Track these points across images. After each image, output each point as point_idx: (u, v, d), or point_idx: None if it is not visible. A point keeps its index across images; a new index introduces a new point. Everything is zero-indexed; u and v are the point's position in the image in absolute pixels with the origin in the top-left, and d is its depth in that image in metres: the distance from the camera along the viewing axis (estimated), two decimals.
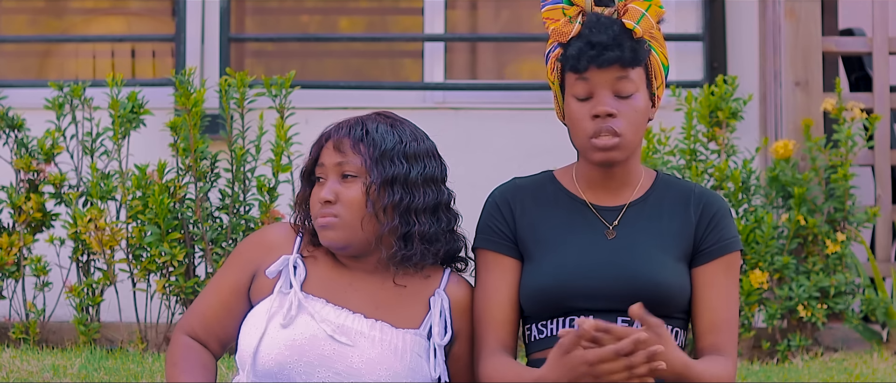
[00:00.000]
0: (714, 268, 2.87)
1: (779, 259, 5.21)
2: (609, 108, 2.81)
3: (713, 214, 2.89)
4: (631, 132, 2.83)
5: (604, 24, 2.81)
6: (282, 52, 6.99)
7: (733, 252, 2.89)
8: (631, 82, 2.82)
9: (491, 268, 2.91)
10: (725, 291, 2.86)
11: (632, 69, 2.81)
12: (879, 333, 5.35)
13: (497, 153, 6.11)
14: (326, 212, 2.86)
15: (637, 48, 2.81)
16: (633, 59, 2.80)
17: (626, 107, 2.82)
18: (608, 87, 2.82)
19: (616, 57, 2.79)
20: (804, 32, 5.72)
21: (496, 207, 2.94)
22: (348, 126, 2.90)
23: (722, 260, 2.87)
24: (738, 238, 2.91)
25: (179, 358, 2.91)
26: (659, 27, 2.89)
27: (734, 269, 2.89)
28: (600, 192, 2.92)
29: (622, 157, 2.85)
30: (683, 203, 2.91)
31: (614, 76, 2.81)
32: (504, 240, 2.91)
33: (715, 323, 2.84)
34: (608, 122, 2.82)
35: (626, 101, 2.82)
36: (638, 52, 2.80)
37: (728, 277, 2.87)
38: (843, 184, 5.32)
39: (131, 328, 5.22)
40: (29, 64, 7.13)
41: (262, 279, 2.90)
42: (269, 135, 5.18)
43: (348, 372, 2.80)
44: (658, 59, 2.86)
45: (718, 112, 5.36)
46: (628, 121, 2.82)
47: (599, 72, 2.81)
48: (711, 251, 2.87)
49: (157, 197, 4.98)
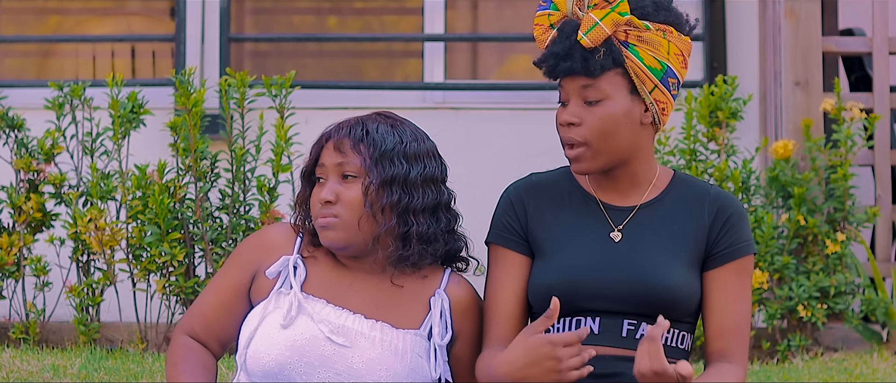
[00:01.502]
0: (726, 272, 2.85)
1: (779, 259, 5.21)
2: (570, 117, 2.83)
3: (728, 217, 2.88)
4: (596, 140, 2.82)
5: (565, 33, 2.83)
6: (282, 52, 6.99)
7: (746, 256, 2.87)
8: (597, 90, 2.81)
9: (500, 263, 2.92)
10: (736, 295, 2.84)
11: (595, 78, 2.81)
12: (879, 333, 5.35)
13: (497, 153, 6.11)
14: (326, 212, 2.86)
15: (588, 58, 2.80)
16: (585, 69, 2.80)
17: (591, 116, 2.82)
18: (577, 95, 2.83)
19: (568, 67, 2.81)
20: (804, 32, 5.72)
21: (510, 203, 2.94)
22: (348, 126, 2.90)
23: (734, 264, 2.85)
24: (752, 242, 2.88)
25: (179, 358, 2.91)
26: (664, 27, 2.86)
27: (747, 274, 2.87)
28: (611, 192, 2.91)
29: (594, 165, 2.84)
30: (698, 204, 2.89)
31: (580, 84, 2.82)
32: (514, 237, 2.91)
33: (725, 327, 2.83)
34: (570, 131, 2.84)
35: (592, 109, 2.82)
36: (588, 62, 2.80)
37: (740, 281, 2.85)
38: (843, 184, 5.32)
39: (131, 328, 5.22)
40: (29, 64, 7.13)
41: (262, 279, 2.90)
42: (269, 135, 5.18)
43: (349, 372, 2.80)
44: (640, 63, 2.84)
45: (718, 112, 5.36)
46: (592, 129, 2.82)
47: (568, 80, 2.83)
48: (724, 255, 2.85)
49: (157, 197, 4.98)
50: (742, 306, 2.85)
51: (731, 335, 2.83)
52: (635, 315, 2.82)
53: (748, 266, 2.87)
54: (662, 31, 2.85)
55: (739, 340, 2.83)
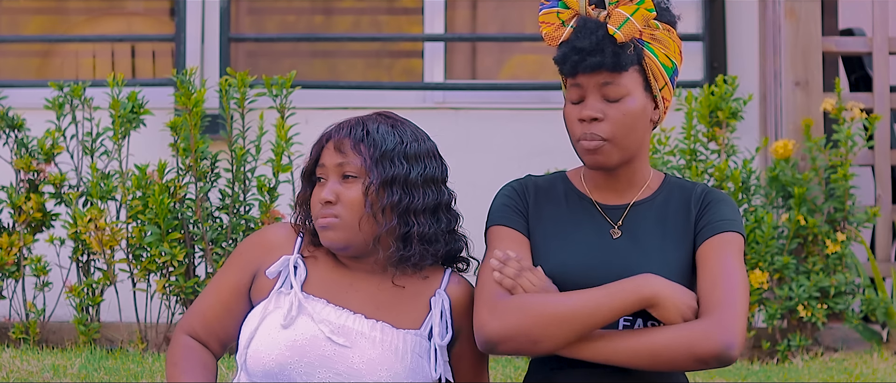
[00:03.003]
0: (706, 247, 2.85)
1: (779, 259, 5.21)
2: (593, 113, 2.83)
3: (709, 201, 2.90)
4: (619, 135, 2.84)
5: (589, 28, 2.83)
6: (282, 52, 6.99)
7: (724, 232, 2.87)
8: (619, 86, 2.83)
9: (504, 241, 2.90)
10: (713, 262, 2.81)
11: (619, 73, 2.82)
12: (879, 333, 5.35)
13: (497, 153, 6.11)
14: (327, 212, 2.86)
15: (620, 53, 2.81)
16: (615, 65, 2.81)
17: (614, 111, 2.83)
18: (597, 91, 2.84)
19: (597, 62, 2.81)
20: (804, 32, 5.72)
21: (513, 191, 2.95)
22: (349, 126, 2.90)
23: (714, 239, 2.85)
24: (735, 221, 2.87)
25: (180, 357, 2.91)
26: (668, 26, 2.88)
27: (726, 248, 2.84)
28: (607, 192, 2.93)
29: (612, 161, 2.86)
30: (688, 202, 2.92)
31: (601, 80, 2.83)
32: (520, 219, 2.92)
33: (701, 291, 2.81)
34: (592, 127, 2.84)
35: (614, 105, 2.84)
36: (620, 57, 2.81)
37: (720, 252, 2.83)
38: (843, 184, 5.32)
39: (131, 328, 5.22)
40: (29, 64, 7.13)
41: (262, 279, 2.90)
42: (270, 135, 5.18)
43: (349, 372, 2.80)
44: (657, 60, 2.86)
45: (718, 112, 5.36)
46: (615, 124, 2.83)
47: (587, 76, 2.83)
48: (703, 231, 2.87)
49: (157, 197, 4.99)
50: (717, 275, 2.79)
51: (706, 300, 2.78)
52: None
53: (729, 242, 2.85)
54: (668, 30, 2.89)
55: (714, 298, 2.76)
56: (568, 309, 2.74)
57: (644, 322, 2.82)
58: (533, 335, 2.75)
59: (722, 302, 2.76)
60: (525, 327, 2.75)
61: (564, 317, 2.74)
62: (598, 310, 2.74)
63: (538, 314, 2.75)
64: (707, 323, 2.74)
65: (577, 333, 2.74)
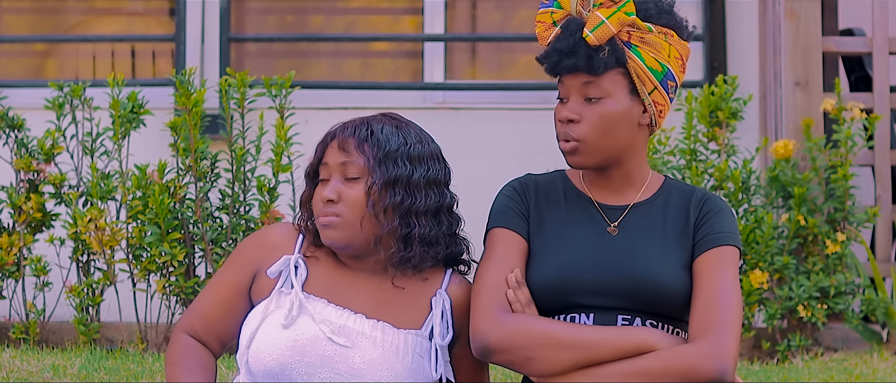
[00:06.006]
0: (703, 260, 2.86)
1: (779, 259, 5.21)
2: (570, 114, 2.86)
3: (708, 211, 2.91)
4: (593, 138, 2.85)
5: (570, 30, 2.85)
6: (282, 52, 6.99)
7: (723, 245, 2.87)
8: (599, 88, 2.85)
9: (505, 244, 2.91)
10: (709, 280, 2.82)
11: (598, 75, 2.83)
12: (879, 333, 5.35)
13: (497, 153, 6.11)
14: (328, 211, 2.86)
15: (593, 55, 2.82)
16: (589, 67, 2.83)
17: (590, 114, 2.85)
18: (578, 91, 2.86)
19: (572, 64, 2.84)
20: (804, 32, 5.72)
21: (514, 191, 2.96)
22: (353, 126, 2.90)
23: (711, 252, 2.86)
24: (734, 235, 2.89)
25: (180, 357, 2.91)
26: (665, 29, 2.88)
27: (725, 263, 2.86)
28: (604, 191, 2.94)
29: (589, 162, 2.88)
30: (686, 205, 2.93)
31: (582, 81, 2.85)
32: (521, 221, 2.92)
33: (696, 310, 2.82)
34: (568, 128, 2.86)
35: (592, 107, 2.86)
36: (594, 60, 2.83)
37: (717, 269, 2.84)
38: (843, 184, 5.32)
39: (131, 328, 5.22)
40: (29, 64, 7.13)
41: (263, 279, 2.90)
42: (270, 135, 5.18)
43: (350, 372, 2.80)
44: (642, 64, 2.86)
45: (718, 112, 5.36)
46: (591, 127, 2.85)
47: (569, 77, 2.86)
48: (701, 243, 2.88)
49: (157, 197, 4.98)
50: (715, 291, 2.80)
51: (700, 315, 2.79)
52: (629, 310, 2.84)
53: (726, 255, 2.87)
54: (664, 34, 2.89)
55: (706, 317, 2.78)
56: (571, 338, 2.77)
57: (643, 321, 2.82)
58: (531, 353, 2.78)
59: (718, 325, 2.78)
60: (525, 344, 2.77)
61: (566, 344, 2.77)
62: (599, 344, 2.76)
63: (540, 335, 2.78)
64: (702, 348, 2.76)
65: (574, 362, 2.76)
